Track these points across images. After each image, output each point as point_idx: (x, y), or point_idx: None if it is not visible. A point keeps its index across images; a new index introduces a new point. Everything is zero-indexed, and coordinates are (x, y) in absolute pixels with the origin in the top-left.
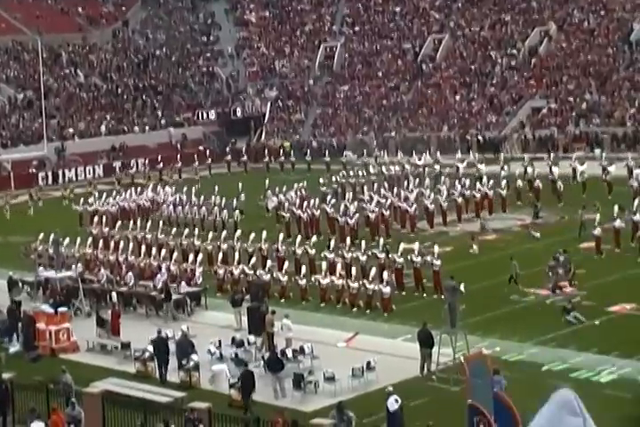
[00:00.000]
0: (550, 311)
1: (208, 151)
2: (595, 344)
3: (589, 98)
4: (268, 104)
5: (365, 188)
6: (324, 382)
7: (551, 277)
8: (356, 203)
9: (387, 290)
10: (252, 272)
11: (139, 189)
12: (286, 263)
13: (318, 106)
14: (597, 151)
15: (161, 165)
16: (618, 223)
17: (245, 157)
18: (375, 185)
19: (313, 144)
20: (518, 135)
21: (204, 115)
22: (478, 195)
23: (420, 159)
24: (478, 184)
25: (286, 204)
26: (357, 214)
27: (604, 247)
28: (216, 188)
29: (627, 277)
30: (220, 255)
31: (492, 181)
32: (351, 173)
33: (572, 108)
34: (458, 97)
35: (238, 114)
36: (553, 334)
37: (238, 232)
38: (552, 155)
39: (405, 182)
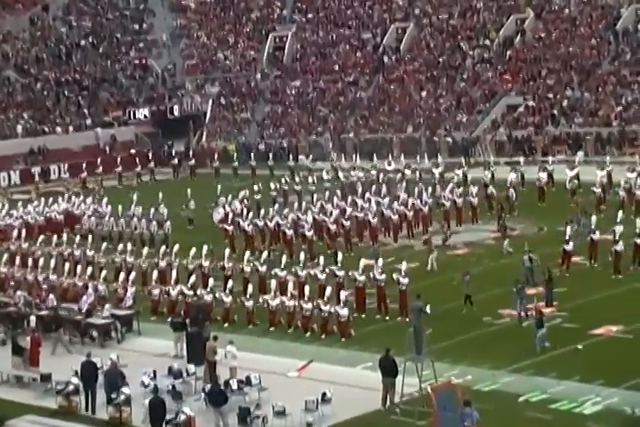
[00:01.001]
0: (527, 335)
1: (152, 155)
2: (577, 371)
3: (571, 94)
4: (210, 101)
5: (315, 196)
6: (274, 416)
7: (517, 300)
8: (309, 213)
9: (344, 312)
10: (191, 293)
11: (51, 199)
12: (230, 282)
13: (266, 103)
14: (580, 154)
15: (85, 173)
16: (596, 236)
17: (176, 161)
18: (327, 193)
19: (260, 147)
20: (492, 136)
21: (136, 114)
22: (448, 203)
23: (389, 164)
24: (447, 191)
25: (230, 214)
26: (308, 225)
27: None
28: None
29: (613, 296)
30: (155, 273)
31: (461, 189)
32: (297, 179)
33: (552, 105)
34: (424, 93)
35: (175, 113)
36: (530, 360)
37: (176, 247)
38: (533, 159)
39: (373, 189)
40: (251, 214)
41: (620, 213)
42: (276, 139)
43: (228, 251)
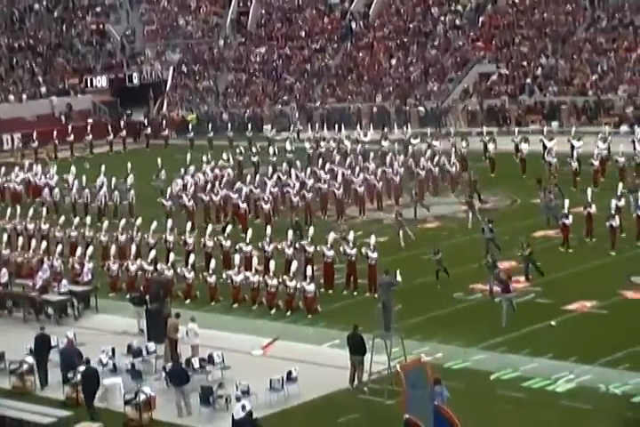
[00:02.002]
0: (500, 311)
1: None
2: (550, 349)
3: (545, 62)
4: (171, 69)
5: (270, 169)
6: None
7: (489, 276)
8: (268, 185)
9: (310, 288)
10: (151, 268)
11: (3, 169)
12: (192, 257)
13: (230, 71)
14: (554, 124)
15: (36, 142)
16: (593, 209)
17: (147, 131)
18: (284, 165)
19: (223, 116)
20: (464, 106)
21: (94, 81)
22: (423, 173)
23: (365, 135)
24: (423, 160)
25: (192, 187)
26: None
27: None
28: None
29: (588, 270)
30: (113, 248)
31: (438, 158)
32: (253, 149)
33: (526, 74)
34: (393, 61)
35: (134, 81)
36: (502, 337)
37: (139, 221)
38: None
39: (337, 160)
40: (219, 185)
41: (620, 186)
42: (240, 108)
43: (189, 225)
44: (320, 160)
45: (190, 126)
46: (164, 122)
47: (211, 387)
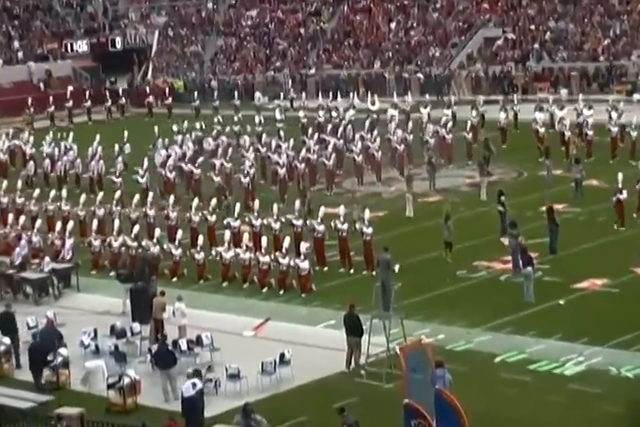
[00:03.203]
0: (505, 290)
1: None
2: (558, 329)
3: (554, 26)
4: (156, 33)
5: (248, 139)
6: (227, 380)
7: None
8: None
9: (304, 265)
10: (135, 244)
11: None
12: (179, 233)
13: (219, 36)
14: (564, 92)
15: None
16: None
17: (124, 100)
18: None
19: (212, 84)
20: (468, 73)
21: (74, 46)
22: (432, 140)
23: (373, 104)
24: (438, 127)
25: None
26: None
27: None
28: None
29: (600, 246)
30: (95, 223)
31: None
32: (235, 118)
33: (534, 38)
34: (393, 25)
35: (117, 45)
36: (508, 317)
37: (117, 194)
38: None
39: (328, 130)
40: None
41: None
42: (230, 75)
43: (172, 198)
44: (322, 130)
45: (171, 94)
46: (149, 89)
47: (199, 370)
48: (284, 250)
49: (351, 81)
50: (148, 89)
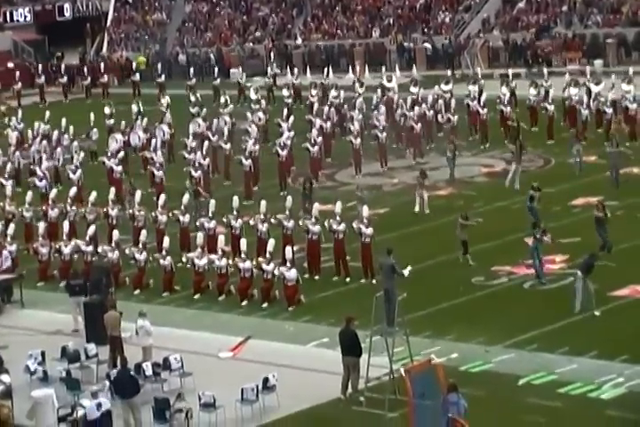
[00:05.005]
0: (529, 299)
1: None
2: (594, 346)
3: None
4: None
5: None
6: (201, 409)
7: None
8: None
9: (291, 274)
10: (90, 249)
11: None
12: (143, 233)
13: (188, 1)
14: (598, 63)
15: None
16: None
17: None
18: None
19: (180, 58)
20: (483, 42)
21: (14, 15)
22: (455, 118)
23: (389, 80)
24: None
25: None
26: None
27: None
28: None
29: None
30: (43, 226)
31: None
32: (222, 100)
33: (561, 0)
34: None
35: (66, 14)
36: (534, 331)
37: (73, 191)
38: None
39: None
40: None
41: None
42: (201, 47)
43: (138, 194)
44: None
45: (135, 70)
46: (104, 66)
47: (167, 399)
48: (267, 255)
49: (347, 52)
50: (103, 65)
